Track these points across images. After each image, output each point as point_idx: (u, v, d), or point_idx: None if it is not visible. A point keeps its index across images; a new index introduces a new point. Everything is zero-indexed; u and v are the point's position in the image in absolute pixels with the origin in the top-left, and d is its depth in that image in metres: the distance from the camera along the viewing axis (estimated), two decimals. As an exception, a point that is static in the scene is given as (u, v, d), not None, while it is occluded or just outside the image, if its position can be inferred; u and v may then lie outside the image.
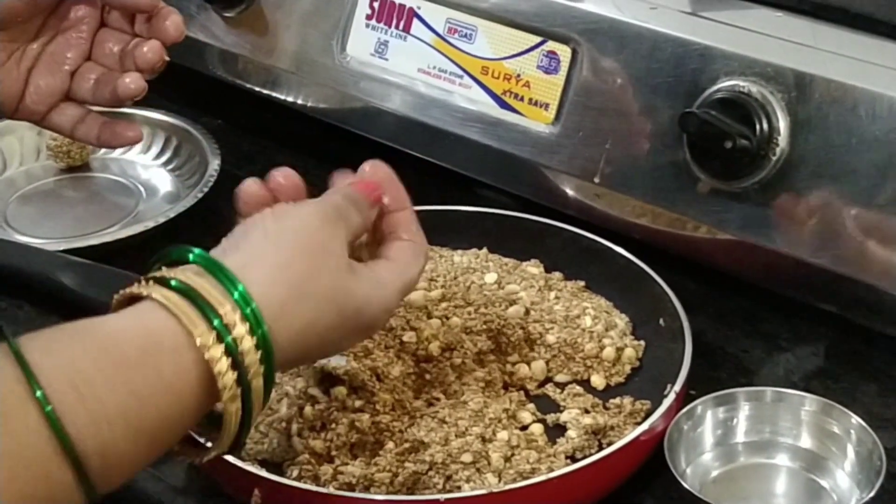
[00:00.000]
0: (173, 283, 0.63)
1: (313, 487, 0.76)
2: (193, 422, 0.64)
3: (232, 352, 0.62)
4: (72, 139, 0.91)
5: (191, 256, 0.66)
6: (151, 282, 0.64)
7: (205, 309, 0.62)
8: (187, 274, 0.64)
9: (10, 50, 0.86)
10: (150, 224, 1.05)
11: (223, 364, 0.62)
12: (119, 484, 0.61)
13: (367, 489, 0.77)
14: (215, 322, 0.62)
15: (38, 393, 0.57)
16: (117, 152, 1.19)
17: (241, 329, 0.63)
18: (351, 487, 0.77)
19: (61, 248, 1.01)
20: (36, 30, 0.87)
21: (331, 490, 0.76)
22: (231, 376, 0.62)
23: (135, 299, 0.64)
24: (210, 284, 0.64)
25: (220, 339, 0.62)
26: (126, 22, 0.88)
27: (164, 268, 0.66)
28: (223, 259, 0.66)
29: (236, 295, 0.64)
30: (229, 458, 0.76)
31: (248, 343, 0.63)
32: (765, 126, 0.87)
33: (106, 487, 0.59)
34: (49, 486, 0.57)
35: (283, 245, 0.69)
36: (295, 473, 0.78)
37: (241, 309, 0.63)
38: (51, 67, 0.87)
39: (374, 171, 0.79)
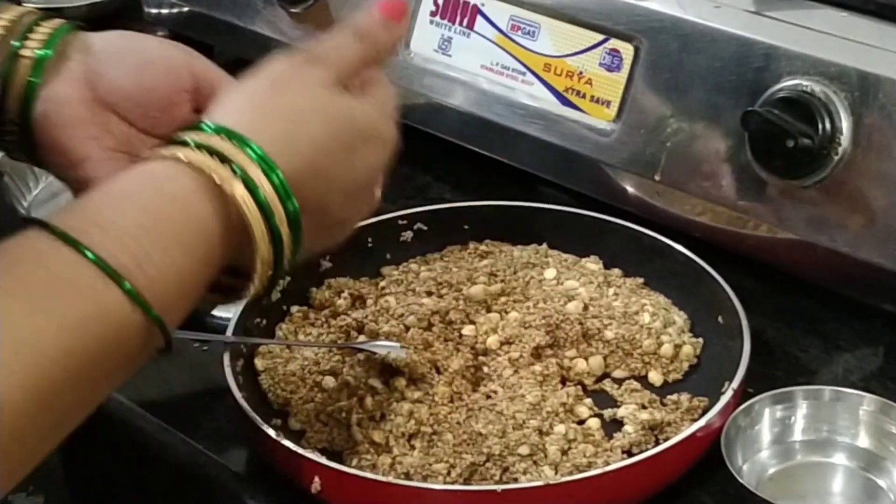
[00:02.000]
0: (188, 140, 0.65)
1: (372, 476, 0.77)
2: (221, 258, 0.65)
3: (251, 188, 0.64)
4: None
5: (204, 127, 0.66)
6: (165, 147, 0.66)
7: (221, 155, 0.64)
8: (199, 134, 0.66)
9: (103, 129, 0.79)
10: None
11: (247, 199, 0.64)
12: (176, 306, 0.62)
13: (424, 479, 0.77)
14: (234, 166, 0.64)
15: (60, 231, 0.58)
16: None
17: (255, 170, 0.64)
18: (409, 477, 0.78)
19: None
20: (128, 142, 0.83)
21: (389, 479, 0.77)
22: (256, 213, 0.64)
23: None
24: (220, 139, 0.65)
25: (239, 178, 0.64)
26: None
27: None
28: (211, 119, 0.67)
29: (247, 149, 0.65)
30: (290, 445, 0.78)
31: (264, 181, 0.64)
32: (827, 126, 0.87)
33: (165, 310, 0.60)
34: (112, 325, 0.59)
35: (251, 84, 0.70)
36: (354, 462, 0.79)
37: (251, 156, 0.65)
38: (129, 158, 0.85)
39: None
